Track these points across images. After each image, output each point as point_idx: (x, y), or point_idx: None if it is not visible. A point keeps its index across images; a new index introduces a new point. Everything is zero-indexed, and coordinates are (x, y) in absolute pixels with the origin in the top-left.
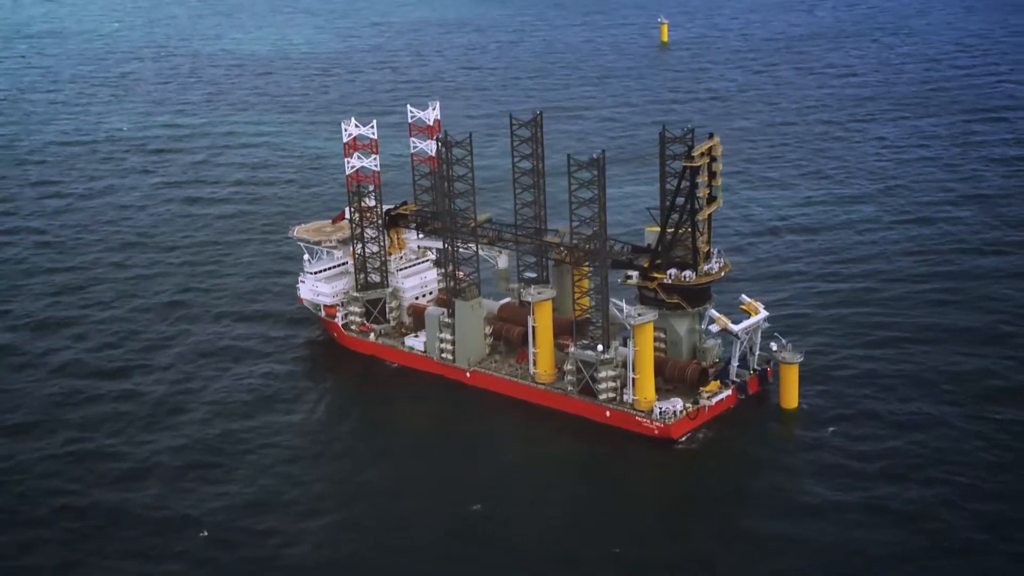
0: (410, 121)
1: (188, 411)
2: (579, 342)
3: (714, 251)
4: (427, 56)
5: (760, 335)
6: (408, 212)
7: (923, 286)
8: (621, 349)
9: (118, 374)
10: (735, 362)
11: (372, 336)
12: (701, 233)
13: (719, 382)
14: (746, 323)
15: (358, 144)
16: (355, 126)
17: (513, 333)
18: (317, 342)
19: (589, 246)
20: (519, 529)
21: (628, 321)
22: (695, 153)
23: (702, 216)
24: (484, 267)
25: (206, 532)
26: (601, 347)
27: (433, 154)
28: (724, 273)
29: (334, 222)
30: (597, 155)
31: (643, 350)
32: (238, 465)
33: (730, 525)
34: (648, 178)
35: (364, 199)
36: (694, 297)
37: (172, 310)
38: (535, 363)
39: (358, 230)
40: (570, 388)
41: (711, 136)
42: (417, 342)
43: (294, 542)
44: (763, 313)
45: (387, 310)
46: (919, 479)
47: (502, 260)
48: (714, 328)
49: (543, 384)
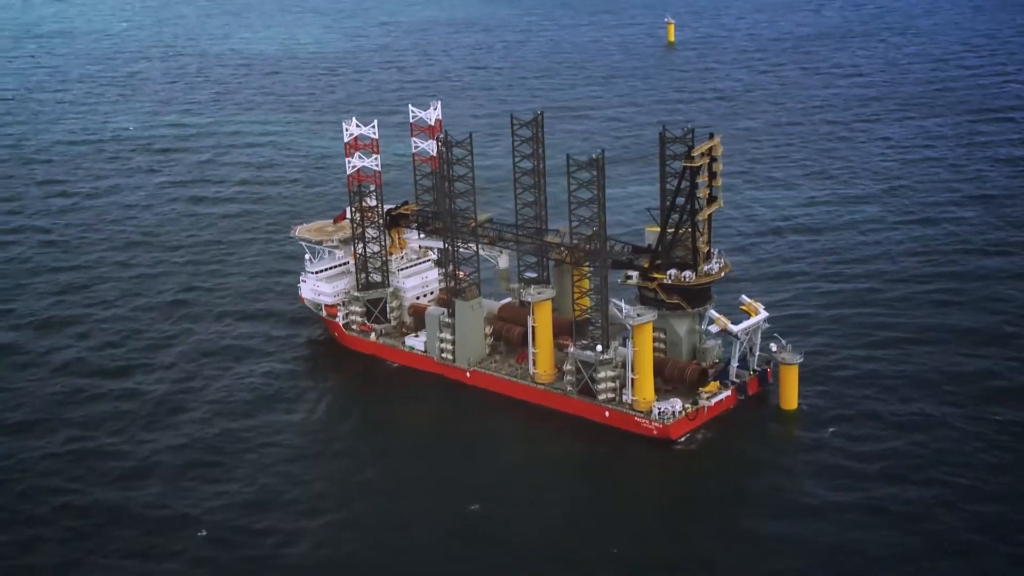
0: (411, 121)
1: (189, 410)
2: (578, 342)
3: (714, 251)
4: (434, 56)
5: (760, 336)
6: (409, 212)
7: (926, 286)
8: (620, 349)
9: (120, 373)
10: (735, 363)
11: (373, 336)
12: (701, 233)
13: (719, 383)
14: (746, 324)
15: (359, 144)
16: (356, 126)
17: (513, 333)
18: (318, 341)
19: (589, 246)
20: (518, 529)
21: (627, 321)
22: (695, 153)
23: (702, 216)
24: (485, 267)
25: (205, 532)
26: (600, 347)
27: (434, 154)
28: (724, 273)
29: (335, 222)
30: (596, 155)
31: (642, 350)
32: (238, 464)
33: (729, 525)
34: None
35: (365, 199)
36: (694, 297)
37: (175, 309)
38: (535, 363)
39: (359, 230)
40: (569, 388)
41: (711, 136)
42: (417, 342)
43: (293, 541)
44: (763, 314)
45: (388, 310)
46: (919, 480)
47: (503, 260)
48: (714, 329)
49: (543, 384)
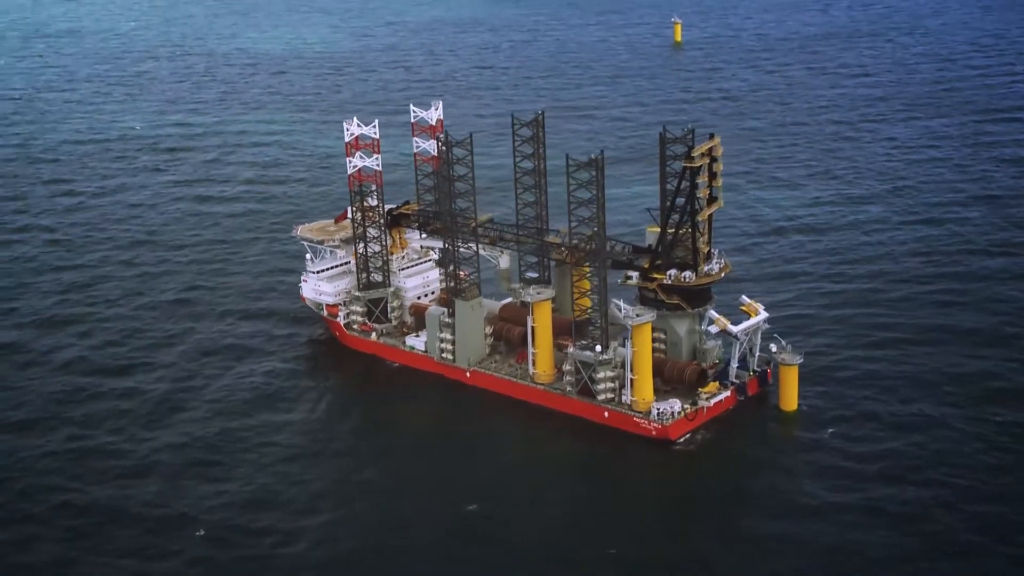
0: (413, 121)
1: (189, 409)
2: (578, 343)
3: (715, 252)
4: (440, 55)
5: (760, 336)
6: (410, 212)
7: (929, 287)
8: (620, 350)
9: (121, 372)
10: (734, 363)
11: (373, 335)
12: (701, 234)
13: (718, 383)
14: (745, 324)
15: (360, 144)
16: (357, 125)
17: (513, 333)
18: (320, 341)
19: (589, 246)
20: (517, 529)
21: (626, 321)
22: (695, 153)
23: (702, 217)
24: (486, 267)
25: (203, 531)
26: (599, 348)
27: (435, 154)
28: (724, 274)
29: (337, 221)
30: (596, 155)
31: (641, 351)
32: (238, 463)
33: (728, 526)
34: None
35: (366, 199)
36: (694, 298)
37: (178, 308)
38: (534, 363)
39: (360, 230)
40: (569, 389)
41: (712, 136)
42: (418, 342)
43: (292, 541)
44: (763, 314)
45: (389, 310)
46: (918, 481)
47: (504, 260)
48: (713, 329)
49: (542, 384)
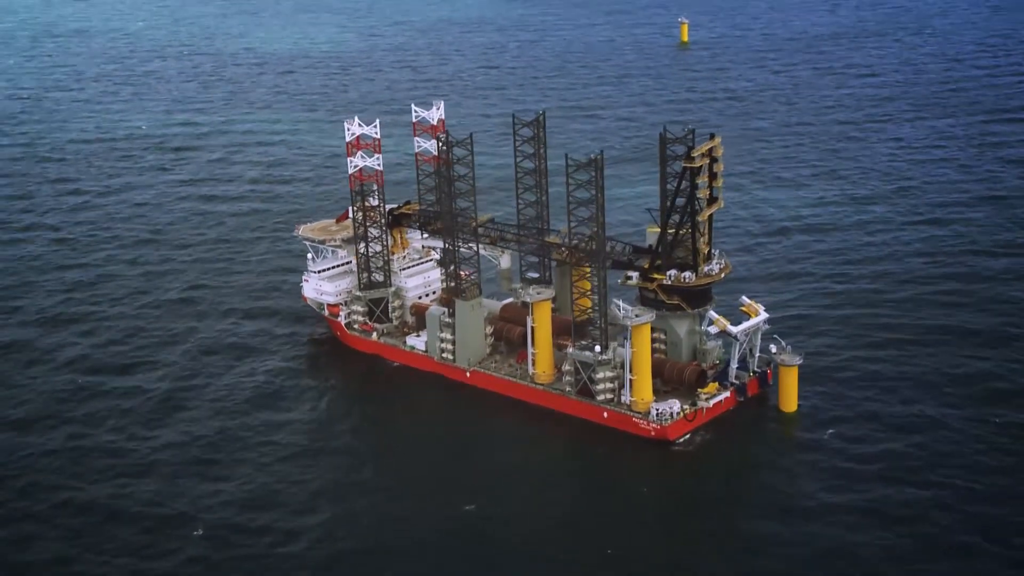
0: (415, 120)
1: (190, 408)
2: (577, 343)
3: (715, 252)
4: (447, 55)
5: (760, 337)
6: (411, 212)
7: (932, 287)
8: (620, 350)
9: (124, 370)
10: (734, 364)
11: (374, 335)
12: (701, 234)
13: (718, 384)
14: (745, 325)
15: (361, 143)
16: (358, 125)
17: (514, 333)
18: (321, 340)
19: (589, 246)
20: (517, 529)
21: (625, 322)
22: (695, 154)
23: (702, 217)
24: (488, 267)
25: (201, 530)
26: (599, 348)
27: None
28: (724, 274)
29: (338, 221)
30: (595, 155)
31: (640, 351)
32: (237, 462)
33: (727, 526)
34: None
35: (367, 198)
36: (694, 298)
37: (181, 307)
38: (534, 363)
39: (361, 229)
40: (568, 389)
41: (712, 137)
42: (418, 342)
43: (291, 540)
44: (763, 315)
45: (390, 309)
46: (917, 482)
47: (504, 260)
48: (713, 330)
49: (542, 385)
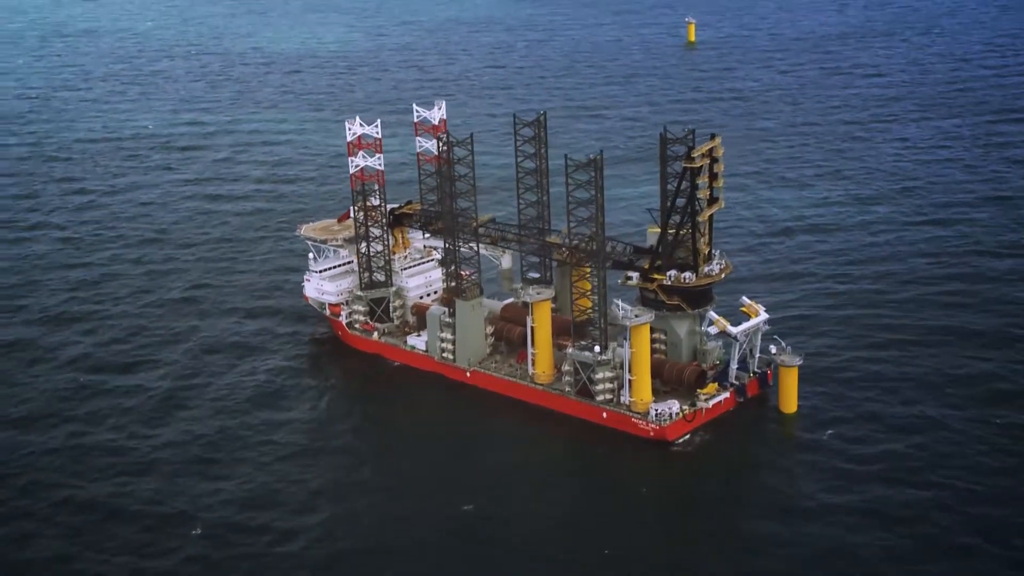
0: (416, 120)
1: (191, 407)
2: (577, 343)
3: (715, 252)
4: (455, 55)
5: (760, 338)
6: (412, 212)
7: (935, 288)
8: (619, 350)
9: (126, 369)
10: (734, 364)
11: (375, 335)
12: (702, 234)
13: (717, 384)
14: (745, 325)
15: (363, 143)
16: (360, 125)
17: (514, 333)
18: (322, 340)
19: (589, 247)
20: (516, 529)
21: (624, 322)
22: (695, 154)
23: (702, 218)
24: (489, 267)
25: (200, 529)
26: (598, 348)
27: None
28: (725, 275)
29: (340, 221)
30: (594, 156)
31: (639, 351)
32: (238, 461)
33: (727, 526)
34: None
35: (368, 198)
36: (694, 299)
37: (184, 306)
38: (534, 363)
39: (362, 229)
40: (568, 389)
41: (713, 137)
42: (419, 341)
43: (290, 539)
44: (763, 315)
45: (391, 309)
46: (917, 482)
47: (506, 260)
48: (713, 330)
49: (541, 385)
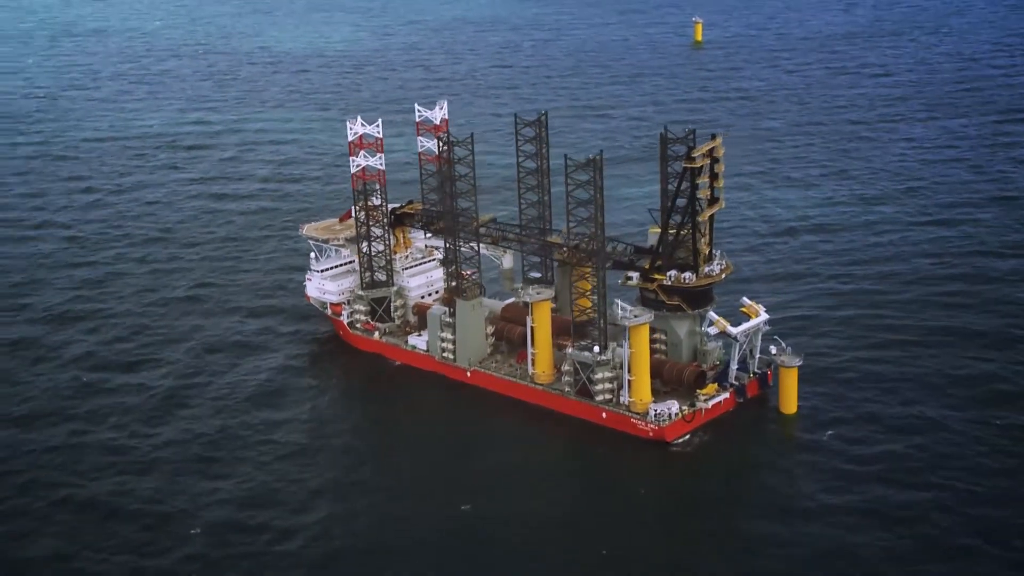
0: (417, 120)
1: (192, 406)
2: (577, 343)
3: (716, 253)
4: (461, 54)
5: (760, 338)
6: (414, 211)
7: (938, 288)
8: (619, 350)
9: (128, 368)
10: (734, 365)
11: (376, 334)
12: (702, 235)
13: (717, 385)
14: (745, 326)
15: (364, 143)
16: (361, 124)
17: (515, 333)
18: (323, 339)
19: (590, 247)
20: (515, 528)
21: (623, 322)
22: (695, 154)
23: (703, 218)
24: (491, 267)
25: (199, 528)
26: (597, 348)
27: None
28: (725, 275)
29: (341, 220)
30: (594, 156)
31: (638, 352)
32: (238, 460)
33: (726, 527)
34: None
35: (370, 198)
36: (695, 299)
37: (187, 305)
38: (534, 363)
39: (363, 229)
40: (567, 389)
41: (713, 137)
42: (420, 341)
43: (288, 538)
44: (763, 316)
45: (392, 309)
46: (917, 483)
47: (507, 260)
48: (713, 331)
49: (541, 385)
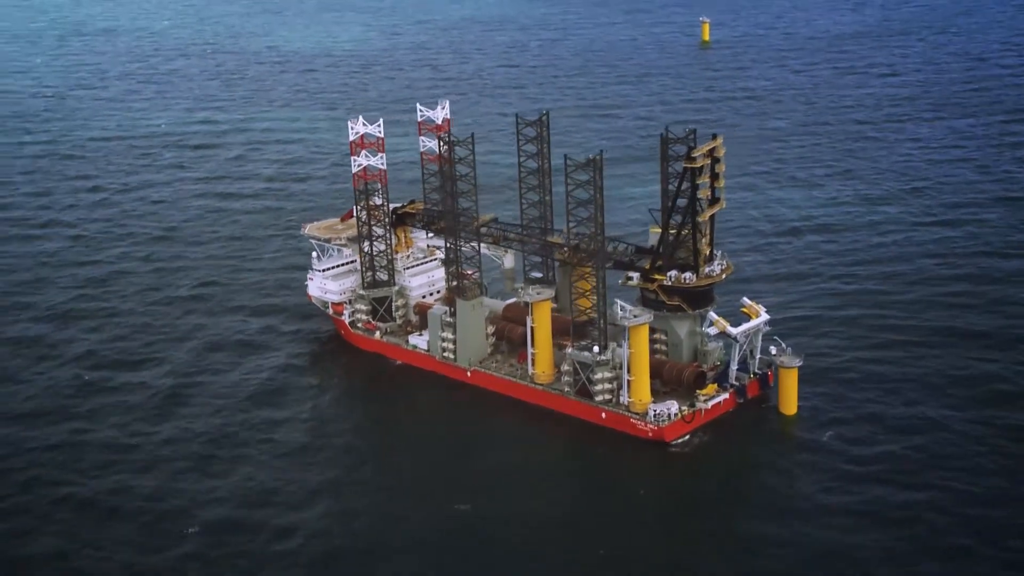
0: (419, 120)
1: (193, 405)
2: (577, 343)
3: (717, 253)
4: (468, 54)
5: (760, 338)
6: (415, 211)
7: (941, 289)
8: (619, 351)
9: (130, 367)
10: (734, 365)
11: (377, 334)
12: (703, 235)
13: (717, 385)
14: (745, 326)
15: (365, 142)
16: (362, 124)
17: (515, 333)
18: (325, 339)
19: (591, 247)
20: (515, 528)
21: (623, 322)
22: (696, 154)
23: (703, 218)
24: (492, 267)
25: (198, 527)
26: (597, 348)
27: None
28: (726, 275)
29: (343, 220)
30: (594, 156)
31: (638, 352)
32: (238, 459)
33: (726, 527)
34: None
35: (371, 197)
36: (695, 299)
37: (190, 304)
38: (534, 363)
39: (365, 228)
40: (567, 389)
41: (714, 137)
42: (421, 341)
43: (288, 537)
44: (764, 316)
45: (393, 308)
46: (916, 484)
47: (508, 260)
48: (713, 331)
49: (541, 385)
